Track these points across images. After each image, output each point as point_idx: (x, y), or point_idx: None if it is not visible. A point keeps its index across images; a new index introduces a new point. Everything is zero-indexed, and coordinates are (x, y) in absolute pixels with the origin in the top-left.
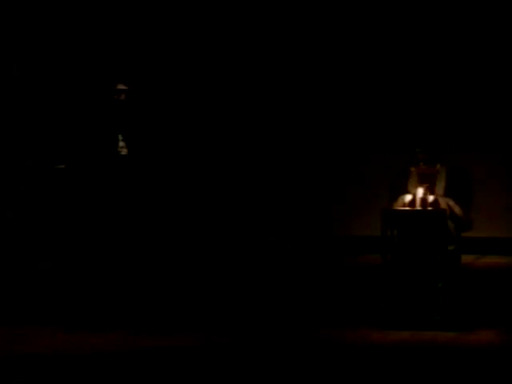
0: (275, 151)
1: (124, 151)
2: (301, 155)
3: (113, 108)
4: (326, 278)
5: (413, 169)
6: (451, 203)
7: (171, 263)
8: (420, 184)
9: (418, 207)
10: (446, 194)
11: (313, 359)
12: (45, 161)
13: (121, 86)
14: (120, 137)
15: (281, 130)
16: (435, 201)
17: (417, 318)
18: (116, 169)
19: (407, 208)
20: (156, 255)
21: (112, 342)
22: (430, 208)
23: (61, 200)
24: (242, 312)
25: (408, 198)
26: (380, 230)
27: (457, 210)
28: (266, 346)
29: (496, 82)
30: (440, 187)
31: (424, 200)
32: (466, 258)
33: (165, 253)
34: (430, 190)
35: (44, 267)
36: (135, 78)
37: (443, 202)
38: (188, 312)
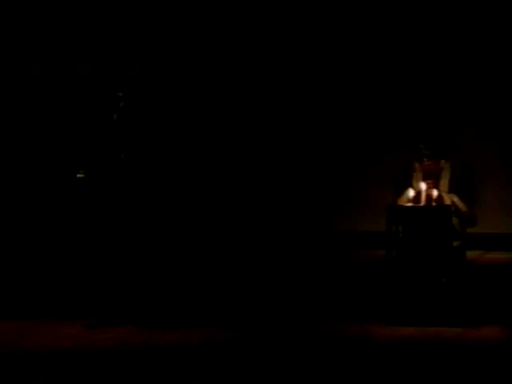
0: (278, 146)
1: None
2: (305, 150)
3: (112, 115)
4: (330, 273)
5: (417, 165)
6: (455, 199)
7: (172, 259)
8: (424, 180)
9: (423, 203)
10: (451, 190)
11: (317, 354)
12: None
13: (120, 94)
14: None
15: (284, 125)
16: (439, 197)
17: (422, 314)
18: (116, 173)
19: (412, 204)
20: (158, 252)
21: (114, 338)
22: (434, 204)
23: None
24: (245, 308)
25: (412, 192)
26: (385, 225)
27: (461, 205)
28: (269, 341)
29: (500, 77)
30: (444, 183)
31: (428, 196)
32: (471, 254)
33: (166, 249)
34: (434, 185)
35: None
36: (134, 85)
37: (447, 198)
38: (189, 308)
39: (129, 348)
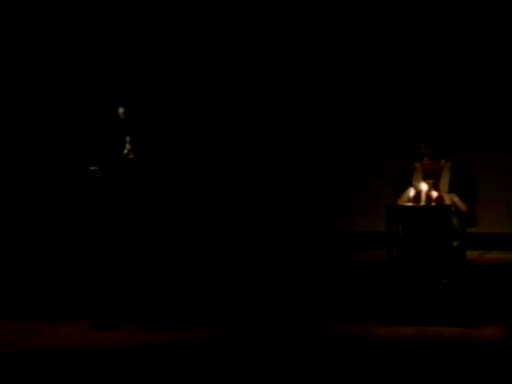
0: (279, 146)
1: (131, 155)
2: (306, 150)
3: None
4: (330, 273)
5: (417, 164)
6: (456, 199)
7: (175, 260)
8: (424, 179)
9: (423, 203)
10: (451, 190)
11: (317, 354)
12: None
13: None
14: (128, 139)
15: (284, 125)
16: (440, 196)
17: (422, 314)
18: (122, 172)
19: (412, 204)
20: (160, 253)
21: (114, 338)
22: (434, 204)
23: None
24: (245, 308)
25: (412, 192)
26: (385, 225)
27: (461, 205)
28: (269, 341)
29: (500, 77)
30: (444, 183)
31: (428, 196)
32: (471, 254)
33: (169, 250)
34: (434, 185)
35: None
36: (141, 85)
37: (448, 198)
38: (191, 308)
39: (129, 348)
